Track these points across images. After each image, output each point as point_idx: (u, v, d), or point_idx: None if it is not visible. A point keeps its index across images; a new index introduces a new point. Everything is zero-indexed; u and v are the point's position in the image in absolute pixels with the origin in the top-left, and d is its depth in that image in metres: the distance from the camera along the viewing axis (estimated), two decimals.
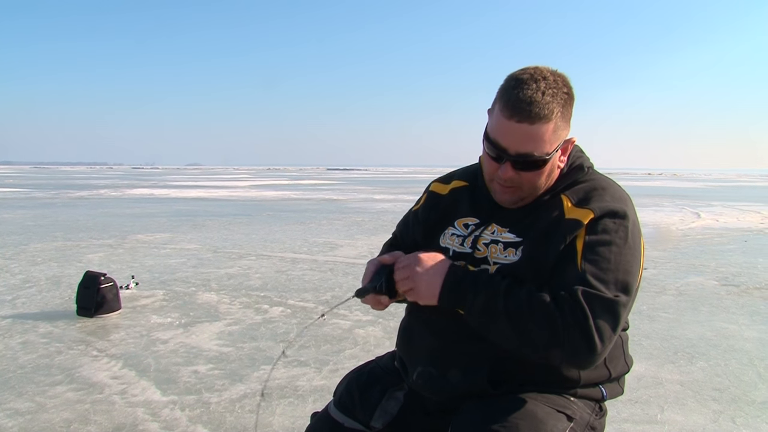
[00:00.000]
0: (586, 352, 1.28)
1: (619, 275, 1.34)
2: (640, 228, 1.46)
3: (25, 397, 3.36)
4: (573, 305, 1.28)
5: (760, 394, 3.49)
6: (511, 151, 1.40)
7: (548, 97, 1.37)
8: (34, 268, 7.33)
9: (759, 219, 15.08)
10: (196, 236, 10.61)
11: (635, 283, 1.37)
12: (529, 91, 1.36)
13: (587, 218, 1.40)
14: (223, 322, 4.96)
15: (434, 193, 1.72)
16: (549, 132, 1.38)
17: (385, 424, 1.56)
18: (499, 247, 1.46)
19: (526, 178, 1.44)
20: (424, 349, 1.56)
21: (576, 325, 1.27)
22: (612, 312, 1.29)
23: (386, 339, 4.45)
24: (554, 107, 1.37)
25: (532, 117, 1.36)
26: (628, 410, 3.23)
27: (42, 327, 4.75)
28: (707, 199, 24.35)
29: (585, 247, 1.37)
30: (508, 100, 1.38)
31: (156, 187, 33.20)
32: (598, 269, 1.33)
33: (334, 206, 18.90)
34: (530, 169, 1.42)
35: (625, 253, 1.37)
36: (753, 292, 6.23)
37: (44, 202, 19.45)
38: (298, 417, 3.12)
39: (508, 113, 1.38)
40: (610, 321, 1.29)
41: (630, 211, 1.44)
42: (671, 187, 38.74)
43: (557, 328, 1.27)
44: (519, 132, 1.38)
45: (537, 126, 1.37)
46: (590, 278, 1.32)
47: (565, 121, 1.42)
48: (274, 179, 52.07)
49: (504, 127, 1.40)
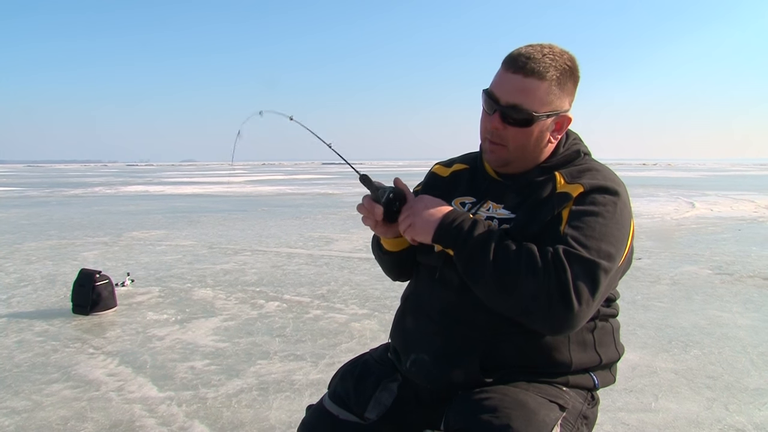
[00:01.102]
0: (562, 308, 1.28)
1: (602, 244, 1.34)
2: (630, 211, 1.47)
3: (22, 396, 3.36)
4: (554, 258, 1.30)
5: (753, 381, 3.52)
6: (501, 101, 1.45)
7: (547, 59, 1.43)
8: (29, 266, 7.32)
9: (752, 208, 15.13)
10: (191, 232, 10.60)
11: (619, 257, 1.38)
12: (531, 49, 1.44)
13: (576, 191, 1.43)
14: (219, 318, 4.96)
15: (435, 174, 1.77)
16: (541, 90, 1.43)
17: (379, 416, 1.57)
18: (495, 224, 1.48)
19: (512, 134, 1.47)
20: (417, 338, 1.57)
21: (555, 276, 1.28)
22: (591, 273, 1.30)
23: (382, 332, 4.46)
24: (550, 69, 1.43)
25: (526, 70, 1.42)
26: (622, 399, 3.25)
27: (38, 325, 4.75)
28: (701, 189, 24.41)
29: (570, 215, 1.39)
30: (510, 55, 1.46)
31: (151, 183, 33.09)
32: (580, 234, 1.35)
33: (329, 201, 18.89)
34: (518, 125, 1.46)
35: (611, 226, 1.38)
36: (746, 281, 6.27)
37: (38, 201, 19.38)
38: (294, 411, 3.13)
39: (506, 66, 1.46)
40: (589, 282, 1.29)
41: (621, 192, 1.46)
42: (666, 177, 38.82)
43: (538, 276, 1.29)
44: (511, 82, 1.44)
45: (530, 80, 1.42)
46: (571, 240, 1.34)
47: (562, 91, 1.46)
48: (270, 174, 51.99)
49: (500, 78, 1.47)
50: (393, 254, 1.69)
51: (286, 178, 42.88)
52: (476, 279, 1.38)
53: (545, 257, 1.31)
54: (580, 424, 1.46)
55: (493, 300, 1.38)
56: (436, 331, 1.53)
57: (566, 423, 1.42)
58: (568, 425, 1.42)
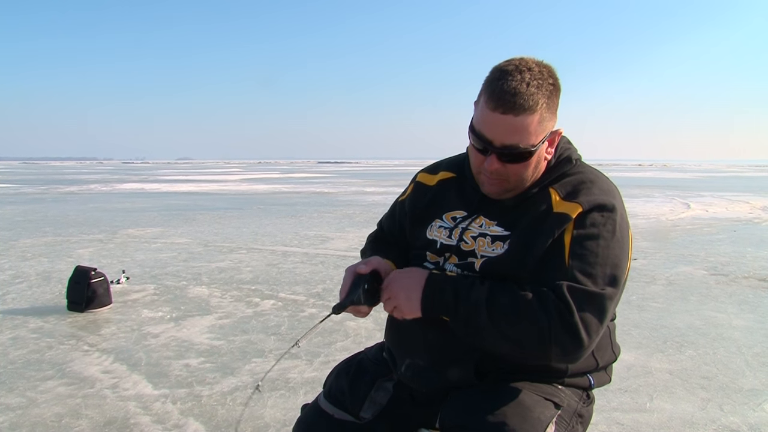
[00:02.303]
0: (573, 348, 1.28)
1: (607, 269, 1.34)
2: (627, 220, 1.46)
3: (16, 393, 3.35)
4: (557, 302, 1.29)
5: (748, 381, 3.53)
6: (496, 143, 1.39)
7: (533, 88, 1.35)
8: (24, 263, 7.30)
9: (748, 209, 15.18)
10: (186, 230, 10.59)
11: (623, 276, 1.38)
12: (513, 82, 1.35)
13: (575, 212, 1.40)
14: (214, 316, 4.95)
15: (421, 183, 1.71)
16: (534, 123, 1.37)
17: (374, 415, 1.57)
18: (487, 240, 1.46)
19: (512, 170, 1.43)
20: (412, 341, 1.56)
21: (560, 321, 1.27)
22: (598, 305, 1.30)
23: (377, 331, 4.46)
24: (539, 98, 1.36)
25: (516, 108, 1.34)
26: (617, 399, 3.26)
27: (32, 322, 4.74)
28: (697, 190, 24.49)
29: (573, 242, 1.37)
30: (493, 92, 1.36)
31: (146, 181, 33.04)
32: (585, 264, 1.34)
33: (324, 199, 18.88)
34: (516, 161, 1.41)
35: (613, 246, 1.37)
36: (741, 281, 6.29)
37: (34, 198, 19.33)
38: (289, 409, 3.13)
39: (492, 105, 1.36)
40: (596, 314, 1.29)
41: (618, 204, 1.44)
42: (661, 178, 38.90)
43: (543, 328, 1.28)
44: (504, 124, 1.37)
45: (522, 118, 1.35)
46: (577, 273, 1.32)
47: (551, 112, 1.41)
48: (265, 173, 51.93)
49: (489, 118, 1.38)
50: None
51: (282, 176, 42.86)
52: (479, 341, 1.38)
53: (545, 303, 1.30)
54: (575, 422, 1.46)
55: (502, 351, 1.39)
56: (431, 335, 1.51)
57: (561, 421, 1.42)
58: (563, 423, 1.42)
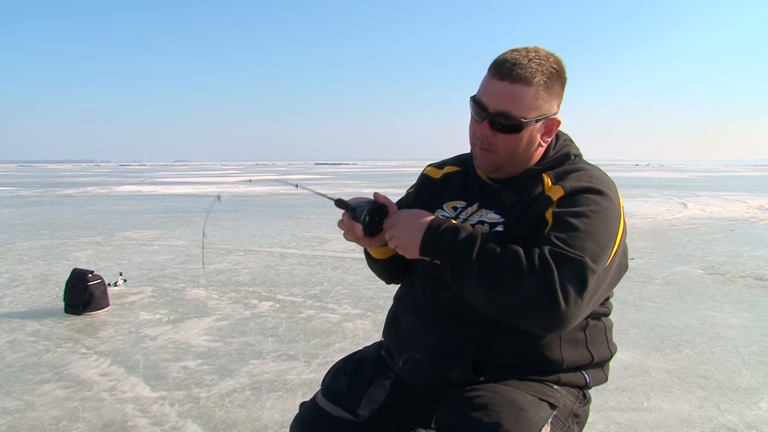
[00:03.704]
0: (549, 308, 1.26)
1: (587, 243, 1.32)
2: (620, 210, 1.45)
3: (13, 396, 3.35)
4: (541, 258, 1.29)
5: (744, 380, 3.54)
6: (490, 109, 1.44)
7: (533, 63, 1.42)
8: (21, 266, 7.28)
9: (744, 208, 15.21)
10: (184, 232, 10.58)
11: (606, 256, 1.36)
12: (517, 54, 1.44)
13: (558, 194, 1.43)
14: (211, 318, 4.95)
15: (427, 176, 1.77)
16: (529, 96, 1.42)
17: (372, 412, 1.58)
18: (485, 228, 1.49)
19: (502, 140, 1.47)
20: (410, 336, 1.58)
21: (541, 275, 1.26)
22: (577, 272, 1.28)
23: (375, 332, 4.46)
24: (537, 74, 1.42)
25: (512, 76, 1.41)
26: (615, 398, 3.26)
27: (29, 325, 4.73)
28: (694, 189, 24.53)
29: (554, 217, 1.39)
30: (495, 62, 1.45)
31: (144, 183, 32.99)
32: (565, 235, 1.34)
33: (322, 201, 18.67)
34: (507, 132, 1.46)
35: (596, 225, 1.36)
36: (738, 281, 6.30)
37: (30, 200, 19.29)
38: (287, 410, 3.13)
39: (492, 72, 1.44)
40: (576, 282, 1.27)
41: (609, 192, 1.45)
42: (658, 178, 38.97)
43: (523, 276, 1.27)
44: (499, 89, 1.43)
45: (517, 86, 1.41)
46: (556, 240, 1.33)
47: (550, 94, 1.46)
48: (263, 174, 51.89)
49: (487, 85, 1.46)
50: (382, 261, 1.69)
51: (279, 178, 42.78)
52: (463, 284, 1.37)
53: (531, 258, 1.30)
54: (571, 423, 1.47)
55: (482, 304, 1.38)
56: (429, 330, 1.53)
57: (557, 421, 1.42)
58: (558, 423, 1.42)
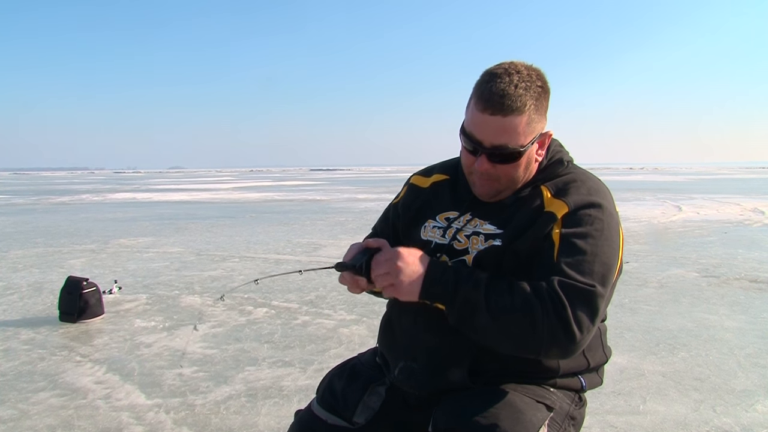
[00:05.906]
0: (565, 342, 1.29)
1: (596, 266, 1.35)
2: (618, 220, 1.47)
3: (8, 405, 3.33)
4: (551, 294, 1.29)
5: (740, 382, 3.55)
6: (486, 144, 1.42)
7: (521, 90, 1.39)
8: (15, 274, 7.25)
9: (738, 211, 15.26)
10: (179, 239, 10.55)
11: (612, 274, 1.38)
12: (502, 84, 1.39)
13: (562, 211, 1.42)
14: (207, 325, 4.94)
15: (415, 186, 1.74)
16: (522, 124, 1.40)
17: (367, 420, 1.57)
18: (480, 239, 1.48)
19: (502, 170, 1.46)
20: (405, 345, 1.57)
21: (555, 314, 1.28)
22: (589, 302, 1.30)
23: (370, 338, 4.46)
24: (527, 100, 1.39)
25: (504, 109, 1.38)
26: (611, 402, 3.27)
27: (24, 333, 4.71)
28: (688, 192, 24.62)
29: (561, 240, 1.39)
30: (482, 94, 1.40)
31: (138, 191, 32.92)
32: (574, 260, 1.35)
33: (317, 206, 18.86)
34: (506, 162, 1.44)
35: (602, 245, 1.38)
36: (733, 283, 6.32)
37: (24, 208, 19.21)
38: (283, 417, 3.12)
39: (481, 106, 1.40)
40: (588, 311, 1.30)
41: (607, 203, 1.46)
42: (653, 181, 39.10)
43: (537, 317, 1.28)
44: (492, 124, 1.40)
45: (510, 118, 1.39)
46: (566, 268, 1.33)
47: (540, 114, 1.44)
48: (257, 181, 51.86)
49: (478, 120, 1.42)
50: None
51: (274, 184, 42.79)
52: (474, 331, 1.37)
53: (540, 294, 1.30)
54: (567, 425, 1.47)
55: (494, 345, 1.38)
56: (424, 337, 1.52)
57: (553, 423, 1.42)
58: (555, 425, 1.43)
